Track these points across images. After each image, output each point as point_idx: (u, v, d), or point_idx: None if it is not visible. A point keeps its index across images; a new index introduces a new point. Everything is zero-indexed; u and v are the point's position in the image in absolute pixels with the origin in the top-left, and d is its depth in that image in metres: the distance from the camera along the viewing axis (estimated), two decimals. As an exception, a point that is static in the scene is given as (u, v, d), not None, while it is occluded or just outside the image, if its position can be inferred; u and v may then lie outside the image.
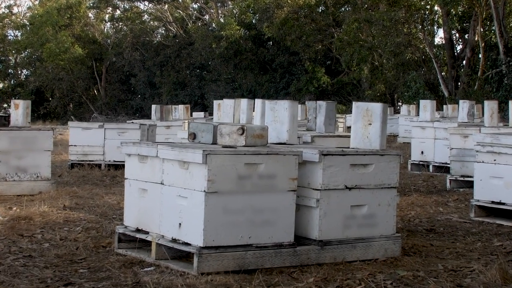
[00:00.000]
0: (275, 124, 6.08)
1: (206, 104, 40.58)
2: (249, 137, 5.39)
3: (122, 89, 47.33)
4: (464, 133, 10.02)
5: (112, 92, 46.88)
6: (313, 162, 5.32)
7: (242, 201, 5.04)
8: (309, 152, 5.33)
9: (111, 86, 47.08)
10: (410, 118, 21.03)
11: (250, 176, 5.06)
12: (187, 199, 5.07)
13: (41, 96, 46.85)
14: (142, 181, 5.54)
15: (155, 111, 16.54)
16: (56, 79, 44.89)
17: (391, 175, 5.61)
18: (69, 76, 44.76)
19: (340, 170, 5.36)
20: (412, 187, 10.26)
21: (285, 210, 5.20)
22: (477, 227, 7.10)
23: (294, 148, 5.49)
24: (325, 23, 37.46)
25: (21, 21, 50.40)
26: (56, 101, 46.56)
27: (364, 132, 5.59)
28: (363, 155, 5.48)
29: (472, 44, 27.91)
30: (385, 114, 5.57)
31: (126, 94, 47.05)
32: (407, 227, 6.95)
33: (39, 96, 46.69)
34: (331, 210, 5.36)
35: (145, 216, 5.52)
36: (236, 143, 5.41)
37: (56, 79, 44.89)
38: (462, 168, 10.03)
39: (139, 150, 5.52)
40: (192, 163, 5.01)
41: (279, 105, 6.08)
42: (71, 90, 46.47)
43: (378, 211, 5.57)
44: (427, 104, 13.06)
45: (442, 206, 8.33)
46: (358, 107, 5.61)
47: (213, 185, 4.93)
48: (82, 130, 12.82)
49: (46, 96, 46.91)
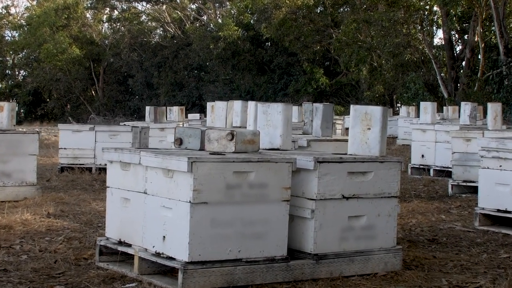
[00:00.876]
0: (268, 128, 5.71)
1: (204, 105, 40.29)
2: (239, 143, 5.02)
3: (120, 90, 47.33)
4: (466, 136, 9.65)
5: (109, 93, 46.86)
6: (307, 170, 4.95)
7: (231, 213, 4.67)
8: (304, 159, 4.96)
9: (108, 87, 47.07)
10: (409, 120, 20.66)
11: (239, 185, 4.69)
12: (172, 210, 4.70)
13: (38, 97, 46.82)
14: (124, 190, 5.17)
15: (149, 113, 16.15)
16: (53, 80, 44.91)
17: (392, 184, 5.24)
18: (66, 77, 44.76)
19: (336, 178, 4.99)
20: (412, 192, 9.89)
21: (277, 222, 4.83)
22: (482, 237, 6.72)
23: (288, 155, 5.12)
24: (323, 23, 37.41)
25: (19, 22, 50.33)
26: (54, 102, 46.54)
27: (362, 138, 5.21)
28: (361, 162, 5.11)
29: (472, 44, 27.73)
30: (385, 118, 5.20)
31: (124, 95, 47.02)
32: (408, 237, 6.58)
33: (36, 97, 46.68)
34: (327, 221, 4.99)
35: (127, 228, 5.15)
36: (225, 150, 5.04)
37: (53, 80, 44.91)
38: (464, 173, 9.65)
39: (121, 156, 5.15)
40: (177, 172, 4.64)
41: (272, 108, 5.70)
42: (69, 91, 46.48)
43: (377, 222, 5.20)
44: (428, 106, 12.68)
45: (444, 214, 7.96)
46: (357, 110, 5.24)
47: (199, 195, 4.55)
48: (72, 132, 12.44)
49: (43, 97, 46.83)
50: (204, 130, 5.15)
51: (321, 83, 39.46)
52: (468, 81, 27.62)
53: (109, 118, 40.47)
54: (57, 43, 43.36)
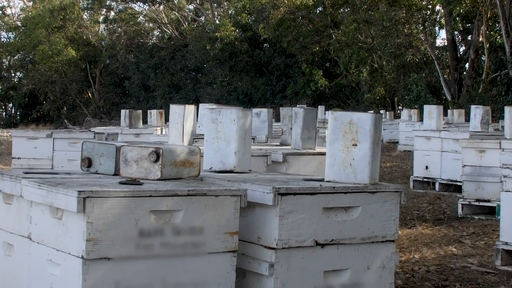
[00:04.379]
0: (218, 142, 4.17)
1: None
2: (167, 165, 3.50)
3: (116, 92, 47.53)
4: (480, 147, 8.07)
5: (106, 96, 47.04)
6: (264, 205, 3.42)
7: (146, 272, 3.14)
8: (259, 190, 3.43)
9: (105, 89, 47.17)
10: (411, 124, 19.14)
11: (160, 231, 3.16)
12: (60, 267, 3.17)
13: (34, 99, 46.73)
14: (7, 231, 3.64)
15: (124, 117, 14.65)
16: (49, 82, 45.03)
17: (387, 223, 3.70)
18: (62, 79, 45.03)
19: (307, 217, 3.46)
20: (415, 212, 8.35)
21: (218, 282, 3.30)
22: (505, 281, 5.17)
23: (239, 182, 3.59)
24: (322, 23, 37.08)
25: (14, 23, 50.00)
26: (49, 105, 46.77)
27: (346, 158, 3.68)
28: (343, 193, 3.58)
29: (476, 45, 27.11)
30: (378, 130, 3.67)
31: (121, 97, 47.09)
32: (410, 283, 5.03)
33: (32, 99, 46.54)
34: (292, 279, 3.45)
35: (11, 284, 3.62)
36: (147, 175, 3.51)
37: (49, 82, 45.03)
38: (477, 190, 8.09)
39: (2, 184, 3.62)
40: (66, 211, 3.11)
41: (224, 115, 4.16)
42: (65, 93, 46.51)
43: (366, 278, 3.66)
44: (433, 110, 11.09)
45: (455, 244, 6.41)
46: (338, 119, 3.69)
47: (97, 248, 3.02)
48: (27, 140, 10.87)
49: (39, 99, 46.58)
50: (119, 146, 3.62)
51: (320, 85, 39.27)
52: (472, 82, 26.84)
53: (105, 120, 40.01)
54: (53, 45, 43.45)
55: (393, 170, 13.73)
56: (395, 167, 14.20)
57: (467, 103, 23.46)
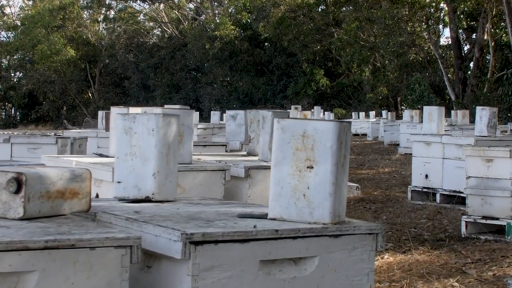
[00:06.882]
0: (133, 160, 3.06)
1: (202, 108, 40.03)
2: (34, 198, 2.40)
3: (116, 92, 47.71)
4: (487, 155, 6.93)
5: (105, 95, 47.22)
6: (172, 259, 2.32)
7: None
8: (164, 236, 2.32)
9: (104, 89, 47.25)
10: (412, 126, 18.07)
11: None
12: None
13: (34, 99, 46.65)
14: None
15: (101, 119, 13.57)
16: (48, 81, 44.72)
17: (357, 279, 2.59)
18: (61, 79, 45.08)
19: (236, 275, 2.35)
20: (412, 230, 7.23)
21: None
22: (521, 333, 4.07)
23: (135, 225, 2.48)
24: (324, 22, 36.64)
25: (13, 22, 49.92)
26: (49, 105, 46.71)
27: (297, 185, 2.56)
28: (291, 238, 2.46)
29: (481, 43, 26.49)
30: (344, 145, 2.56)
31: (120, 97, 47.32)
32: (398, 338, 3.92)
33: (31, 100, 46.47)
34: None
35: None
36: (5, 212, 2.41)
37: (48, 81, 44.72)
38: (483, 205, 6.96)
39: None
40: None
41: (140, 123, 3.05)
42: (64, 93, 46.33)
43: None
44: (433, 112, 9.92)
45: (457, 277, 5.29)
46: (286, 129, 2.58)
47: None
48: (-18, 145, 9.81)
49: (39, 99, 46.47)
50: (-29, 170, 2.52)
51: (322, 84, 38.94)
52: (477, 82, 26.10)
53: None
54: (52, 44, 43.20)
55: (392, 176, 12.64)
56: (394, 173, 13.11)
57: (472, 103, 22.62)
